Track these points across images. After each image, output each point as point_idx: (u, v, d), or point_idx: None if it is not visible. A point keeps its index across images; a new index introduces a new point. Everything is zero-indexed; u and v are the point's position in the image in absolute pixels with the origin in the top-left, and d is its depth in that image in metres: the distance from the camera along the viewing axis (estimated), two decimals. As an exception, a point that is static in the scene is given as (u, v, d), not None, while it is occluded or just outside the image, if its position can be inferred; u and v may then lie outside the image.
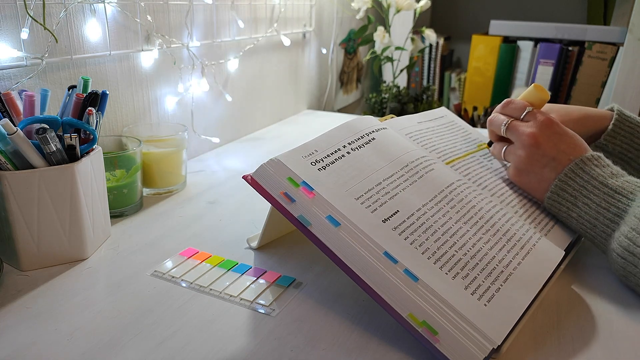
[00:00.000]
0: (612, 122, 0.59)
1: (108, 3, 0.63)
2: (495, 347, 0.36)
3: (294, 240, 0.54)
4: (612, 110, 0.61)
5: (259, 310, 0.42)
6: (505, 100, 0.57)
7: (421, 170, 0.48)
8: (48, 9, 0.56)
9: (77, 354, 0.37)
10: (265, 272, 0.48)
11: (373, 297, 0.38)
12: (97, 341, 0.38)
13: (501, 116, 0.56)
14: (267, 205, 0.47)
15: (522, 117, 0.54)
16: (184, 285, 0.46)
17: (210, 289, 0.45)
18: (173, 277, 0.47)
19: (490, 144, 0.61)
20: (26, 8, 0.53)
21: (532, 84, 0.56)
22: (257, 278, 0.47)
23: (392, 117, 0.58)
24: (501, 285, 0.40)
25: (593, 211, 0.48)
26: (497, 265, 0.42)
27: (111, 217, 0.57)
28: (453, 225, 0.44)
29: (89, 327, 0.40)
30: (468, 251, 0.42)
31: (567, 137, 0.51)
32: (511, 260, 0.43)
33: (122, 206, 0.59)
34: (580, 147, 0.51)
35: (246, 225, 0.58)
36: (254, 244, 0.53)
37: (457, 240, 0.42)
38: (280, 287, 0.46)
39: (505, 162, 0.58)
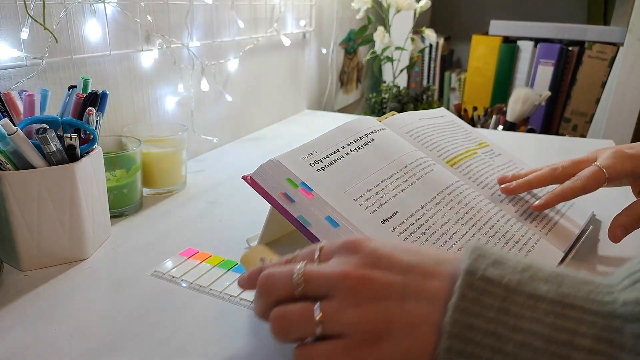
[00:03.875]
0: None
1: (108, 3, 0.63)
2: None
3: (294, 240, 0.54)
4: None
5: (259, 311, 0.42)
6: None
7: (420, 171, 0.49)
8: (48, 9, 0.56)
9: (77, 354, 0.37)
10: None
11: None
12: (97, 341, 0.38)
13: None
14: (267, 205, 0.47)
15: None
16: (184, 285, 0.46)
17: (210, 289, 0.45)
18: (173, 277, 0.47)
19: None
20: (26, 8, 0.53)
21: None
22: (257, 278, 0.47)
23: (394, 114, 0.58)
24: None
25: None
26: None
27: (111, 217, 0.56)
28: (452, 226, 0.44)
29: (89, 327, 0.40)
30: None
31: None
32: None
33: (122, 206, 0.59)
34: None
35: (246, 225, 0.58)
36: (254, 244, 0.53)
37: (457, 242, 0.42)
38: (280, 287, 0.46)
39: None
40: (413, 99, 1.40)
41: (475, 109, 1.48)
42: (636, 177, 0.51)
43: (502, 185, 0.50)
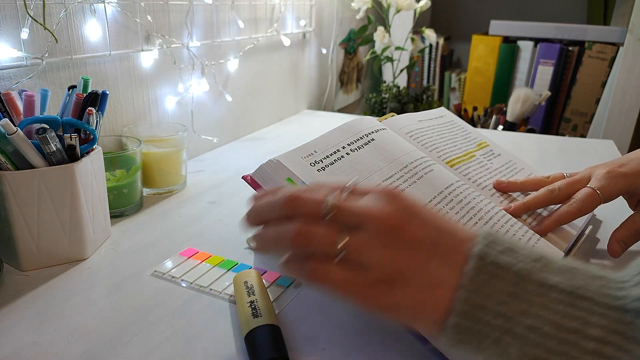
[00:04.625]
0: None
1: (108, 3, 0.63)
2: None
3: (293, 241, 0.54)
4: None
5: (259, 311, 0.42)
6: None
7: (420, 171, 0.49)
8: (48, 9, 0.56)
9: (77, 354, 0.37)
10: (265, 272, 0.48)
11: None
12: (97, 341, 0.38)
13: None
14: (267, 206, 0.47)
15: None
16: (184, 285, 0.46)
17: (210, 289, 0.45)
18: (173, 277, 0.47)
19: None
20: (26, 8, 0.53)
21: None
22: (257, 278, 0.47)
23: (393, 115, 0.58)
24: None
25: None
26: None
27: (111, 217, 0.56)
28: None
29: (89, 327, 0.40)
30: None
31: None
32: None
33: (122, 206, 0.59)
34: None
35: (246, 225, 0.58)
36: (254, 244, 0.53)
37: None
38: (280, 287, 0.46)
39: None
40: (413, 99, 1.40)
41: (475, 109, 1.48)
42: (631, 194, 0.52)
43: (502, 208, 0.51)
